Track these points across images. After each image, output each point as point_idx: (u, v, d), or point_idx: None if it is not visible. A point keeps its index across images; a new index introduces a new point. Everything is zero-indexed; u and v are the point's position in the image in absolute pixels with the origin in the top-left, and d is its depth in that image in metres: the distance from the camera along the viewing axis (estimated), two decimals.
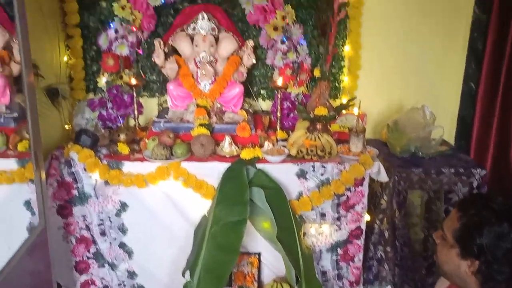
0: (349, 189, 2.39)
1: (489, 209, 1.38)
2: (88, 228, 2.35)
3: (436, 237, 1.52)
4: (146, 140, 2.41)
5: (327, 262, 2.50)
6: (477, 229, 1.37)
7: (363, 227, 2.47)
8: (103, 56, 2.60)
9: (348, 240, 2.47)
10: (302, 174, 2.36)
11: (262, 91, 2.90)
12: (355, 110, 2.66)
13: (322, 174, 2.37)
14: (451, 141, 2.99)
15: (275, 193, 2.29)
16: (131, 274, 2.42)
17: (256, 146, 2.44)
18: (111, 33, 2.54)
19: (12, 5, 2.21)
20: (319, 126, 2.55)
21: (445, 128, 2.77)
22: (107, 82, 2.62)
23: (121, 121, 2.64)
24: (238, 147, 2.42)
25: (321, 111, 2.54)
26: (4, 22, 2.36)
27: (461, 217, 1.42)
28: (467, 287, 1.45)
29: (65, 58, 2.70)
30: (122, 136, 2.44)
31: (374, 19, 2.82)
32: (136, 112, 2.64)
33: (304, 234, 2.42)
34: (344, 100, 2.89)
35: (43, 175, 2.01)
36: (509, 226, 1.35)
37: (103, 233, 2.36)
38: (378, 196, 2.56)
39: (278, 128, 2.67)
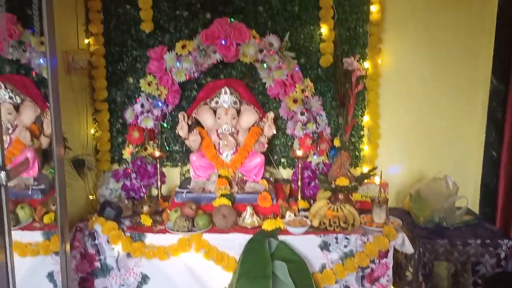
0: (373, 261, 2.34)
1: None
2: None
3: None
4: (169, 211, 2.43)
5: None
6: None
7: None
8: (129, 129, 2.69)
9: None
10: (325, 246, 2.33)
11: (283, 160, 2.94)
12: (377, 180, 2.66)
13: (345, 246, 2.33)
14: (475, 209, 2.94)
15: (298, 266, 2.25)
16: None
17: (278, 217, 2.44)
18: (137, 107, 2.64)
19: (44, 83, 2.36)
20: (341, 196, 2.55)
21: (469, 196, 2.73)
22: (132, 154, 2.69)
23: (144, 191, 2.68)
24: (260, 218, 2.42)
25: (342, 181, 2.55)
26: (37, 98, 2.50)
27: None
28: None
29: (92, 131, 2.81)
30: (145, 208, 2.47)
31: (392, 89, 2.88)
32: (159, 182, 2.68)
33: None
34: (365, 169, 2.90)
35: (68, 248, 2.02)
36: None
37: None
38: (403, 267, 2.50)
39: (299, 197, 2.68)
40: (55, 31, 1.48)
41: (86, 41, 2.72)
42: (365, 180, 2.70)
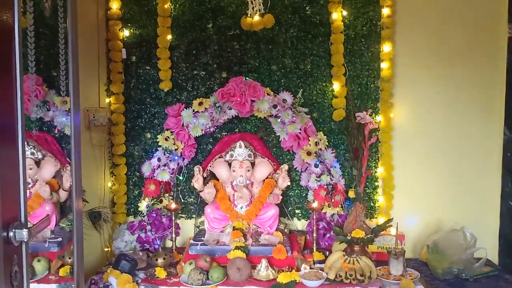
0: None
1: None
2: None
3: None
4: (183, 264, 2.43)
5: None
6: None
7: None
8: (146, 182, 2.75)
9: None
10: None
11: (297, 211, 2.94)
12: (393, 231, 2.64)
13: None
14: (495, 260, 2.87)
15: None
16: None
17: (293, 269, 2.42)
18: (154, 161, 2.71)
19: (65, 139, 2.44)
20: (356, 248, 2.53)
21: (487, 248, 2.68)
22: (147, 206, 2.73)
23: (159, 243, 2.69)
24: (275, 270, 2.40)
25: (358, 233, 2.54)
26: (57, 153, 2.58)
27: None
28: None
29: (109, 184, 2.86)
30: (160, 260, 2.47)
31: (405, 141, 2.90)
32: (174, 235, 2.70)
33: None
34: (380, 220, 2.88)
35: None
36: None
37: None
38: None
39: (314, 249, 2.66)
40: (79, 91, 1.57)
41: (108, 100, 2.84)
42: (381, 232, 2.68)
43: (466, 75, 2.87)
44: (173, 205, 2.73)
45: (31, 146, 2.49)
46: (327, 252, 2.65)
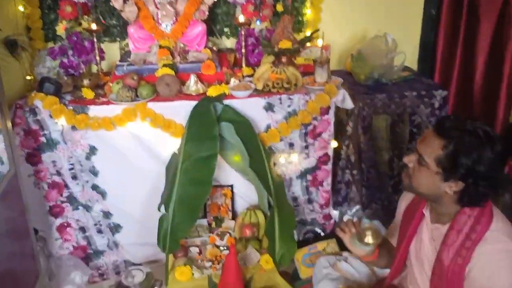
0: (315, 119, 2.45)
1: (473, 134, 1.37)
2: (59, 173, 2.37)
3: (409, 161, 1.51)
4: (110, 84, 2.40)
5: (297, 188, 2.59)
6: (464, 155, 1.37)
7: (331, 153, 2.55)
8: (61, 4, 2.55)
9: (316, 166, 2.55)
10: (269, 107, 2.40)
11: (226, 29, 2.88)
12: (319, 42, 2.67)
13: (289, 106, 2.41)
14: (414, 66, 3.05)
15: (244, 126, 2.33)
16: (106, 214, 2.47)
17: (223, 83, 2.45)
18: None
19: None
20: (284, 59, 2.57)
21: (408, 55, 2.81)
22: (66, 30, 2.57)
23: (84, 68, 2.61)
24: (204, 85, 2.43)
25: (285, 44, 2.55)
26: None
27: (446, 146, 1.39)
28: (440, 201, 1.50)
29: (21, 8, 2.63)
30: (86, 81, 2.42)
31: None
32: (98, 58, 2.61)
33: (274, 164, 2.48)
34: (308, 33, 2.89)
35: (9, 124, 2.00)
36: (491, 148, 1.36)
37: (74, 177, 2.38)
38: (344, 123, 2.63)
39: (243, 65, 2.68)
40: None
41: None
42: (308, 44, 2.71)
43: None
44: (94, 26, 2.57)
45: None
46: (256, 68, 2.68)
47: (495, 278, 1.38)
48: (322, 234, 2.70)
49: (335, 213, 2.73)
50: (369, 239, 1.60)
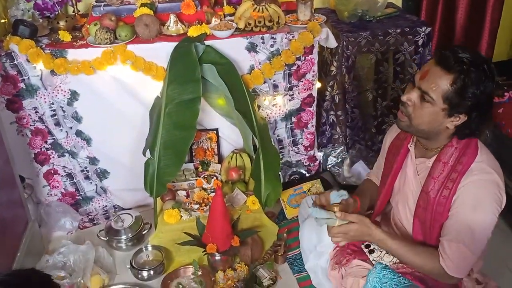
0: (299, 59, 2.41)
1: (478, 66, 1.37)
2: (41, 120, 2.33)
3: (409, 99, 1.46)
4: (88, 26, 2.32)
5: (282, 131, 2.60)
6: (473, 88, 1.37)
7: (315, 94, 2.54)
8: None
9: (301, 108, 2.55)
10: (252, 48, 2.35)
11: None
12: None
13: (271, 46, 2.37)
14: (398, 2, 2.99)
15: (227, 68, 2.29)
16: (92, 160, 2.46)
17: (203, 23, 2.38)
18: None
19: None
20: None
21: None
22: None
23: (59, 9, 2.51)
24: (185, 25, 2.36)
25: None
26: None
27: (454, 80, 1.37)
28: (435, 137, 1.51)
29: None
30: (62, 23, 2.34)
31: None
32: None
33: (259, 107, 2.47)
34: None
35: None
36: (492, 81, 1.38)
37: (57, 124, 2.35)
38: (328, 63, 2.61)
39: (224, 3, 2.59)
40: None
41: None
42: None
43: None
44: None
45: None
46: (237, 6, 2.60)
47: (479, 207, 1.44)
48: (307, 175, 2.75)
49: (319, 155, 2.76)
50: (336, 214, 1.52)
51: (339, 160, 2.73)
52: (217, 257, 2.13)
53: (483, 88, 1.38)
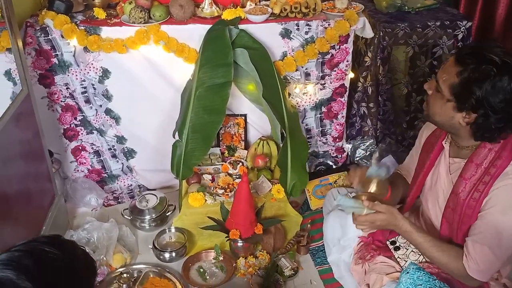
0: (333, 47, 2.36)
1: (490, 62, 1.32)
2: (72, 96, 2.35)
3: (429, 88, 1.48)
4: (123, 4, 2.31)
5: (311, 120, 2.56)
6: (477, 83, 1.33)
7: (347, 84, 2.49)
8: None
9: (332, 98, 2.51)
10: (286, 34, 2.31)
11: None
12: None
13: (306, 33, 2.32)
14: None
15: (259, 53, 2.25)
16: (120, 139, 2.47)
17: (238, 6, 2.35)
18: None
19: None
20: None
21: None
22: None
23: None
24: (219, 8, 2.33)
25: None
26: None
27: (461, 72, 1.35)
28: (458, 134, 1.48)
29: None
30: (97, 0, 2.33)
31: None
32: None
33: (289, 94, 2.44)
34: None
35: (20, 43, 1.95)
36: (509, 79, 1.31)
37: (88, 101, 2.36)
38: (363, 54, 2.55)
39: None
40: None
41: None
42: None
43: None
44: None
45: None
46: None
47: (509, 212, 1.38)
48: (334, 167, 2.71)
49: (348, 147, 2.72)
50: (373, 187, 1.54)
51: (368, 153, 2.68)
52: (240, 244, 2.12)
53: (491, 87, 1.32)
